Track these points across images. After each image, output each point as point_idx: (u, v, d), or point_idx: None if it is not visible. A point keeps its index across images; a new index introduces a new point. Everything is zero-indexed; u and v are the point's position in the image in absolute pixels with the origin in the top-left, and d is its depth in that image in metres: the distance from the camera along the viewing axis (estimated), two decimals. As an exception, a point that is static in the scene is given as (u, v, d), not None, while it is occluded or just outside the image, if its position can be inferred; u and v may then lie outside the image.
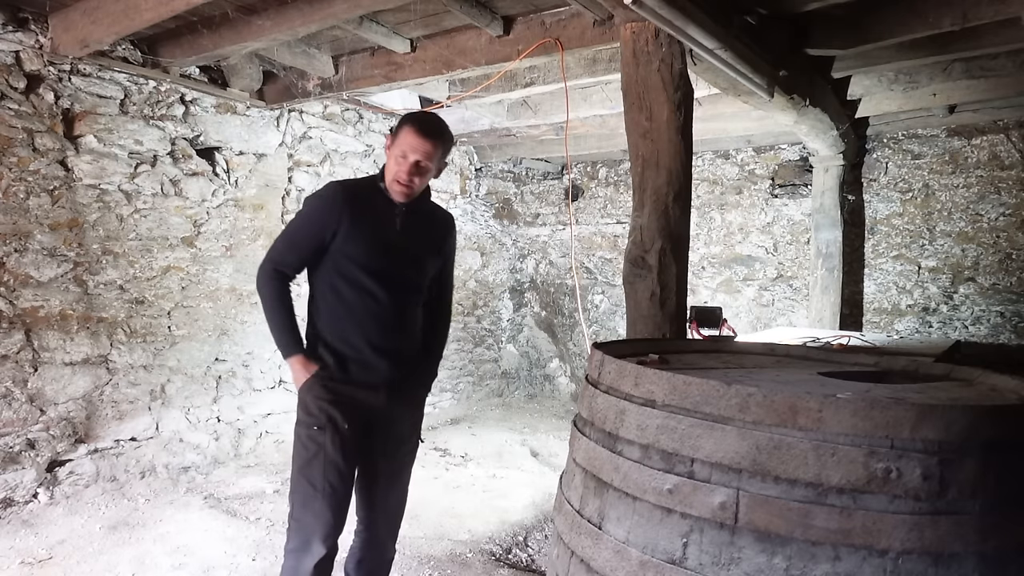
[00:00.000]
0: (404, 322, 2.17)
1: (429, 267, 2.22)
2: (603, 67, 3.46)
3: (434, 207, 2.28)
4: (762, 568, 1.16)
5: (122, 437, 3.76)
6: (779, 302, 5.47)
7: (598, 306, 6.46)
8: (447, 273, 2.34)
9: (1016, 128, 4.55)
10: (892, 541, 1.10)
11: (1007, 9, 2.50)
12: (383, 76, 3.70)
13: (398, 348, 2.15)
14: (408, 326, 2.19)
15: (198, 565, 2.86)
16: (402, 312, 2.16)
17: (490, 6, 3.05)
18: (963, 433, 1.12)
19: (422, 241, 2.18)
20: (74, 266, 3.55)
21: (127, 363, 3.78)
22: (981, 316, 4.68)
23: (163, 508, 3.46)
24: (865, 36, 2.85)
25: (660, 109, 2.42)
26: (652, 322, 2.42)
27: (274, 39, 3.21)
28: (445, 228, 2.29)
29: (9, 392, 3.32)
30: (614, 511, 1.35)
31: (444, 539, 3.15)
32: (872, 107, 4.14)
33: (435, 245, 2.24)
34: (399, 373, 2.15)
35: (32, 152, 3.38)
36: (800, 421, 1.15)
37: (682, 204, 2.47)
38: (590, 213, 6.50)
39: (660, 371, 1.34)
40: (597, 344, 1.66)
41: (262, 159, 4.42)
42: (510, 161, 6.59)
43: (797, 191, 5.38)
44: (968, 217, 4.71)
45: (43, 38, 3.32)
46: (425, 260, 2.20)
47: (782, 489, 1.16)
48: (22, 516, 3.23)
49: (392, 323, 2.13)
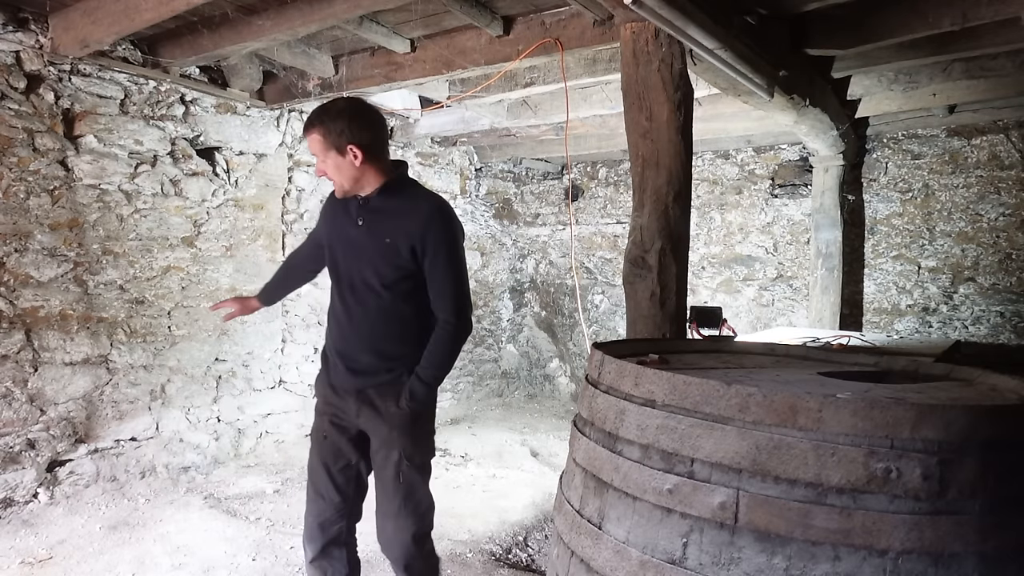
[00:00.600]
0: (361, 327, 2.05)
1: (392, 266, 1.99)
2: (603, 67, 3.46)
3: (405, 196, 2.05)
4: (762, 568, 1.16)
5: (122, 437, 3.77)
6: (779, 302, 5.47)
7: (598, 306, 6.46)
8: (436, 275, 2.00)
9: (1016, 128, 4.55)
10: (892, 541, 1.10)
11: (1007, 9, 2.50)
12: (383, 76, 3.70)
13: (355, 354, 2.06)
14: (366, 331, 2.04)
15: (198, 565, 2.86)
16: (360, 316, 2.04)
17: (490, 6, 3.05)
18: (963, 433, 1.12)
19: (383, 236, 1.99)
20: (74, 266, 3.55)
21: (127, 363, 3.78)
22: (981, 316, 4.68)
23: (163, 508, 3.46)
24: (865, 36, 2.85)
25: (660, 109, 2.42)
26: (652, 322, 2.42)
27: (274, 39, 3.21)
28: (418, 220, 1.98)
29: (9, 392, 3.32)
30: (614, 511, 1.35)
31: (444, 539, 3.15)
32: (872, 107, 4.14)
33: (399, 239, 1.97)
34: (359, 381, 2.05)
35: (32, 152, 3.38)
36: (800, 421, 1.15)
37: (682, 204, 2.46)
38: (590, 213, 6.50)
39: (660, 371, 1.34)
40: (597, 344, 1.66)
41: (262, 159, 4.43)
42: (510, 161, 6.59)
43: (797, 191, 5.38)
44: (968, 217, 4.71)
45: (43, 38, 3.31)
46: (387, 258, 1.99)
47: (782, 489, 1.16)
48: (22, 516, 3.24)
49: (349, 327, 2.07)
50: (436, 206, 2.04)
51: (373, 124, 2.02)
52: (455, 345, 2.05)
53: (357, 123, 1.96)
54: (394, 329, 2.04)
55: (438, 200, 2.08)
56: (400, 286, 2.01)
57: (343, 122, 1.94)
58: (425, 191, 2.14)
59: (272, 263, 4.51)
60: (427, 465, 2.13)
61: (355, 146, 1.95)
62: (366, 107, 2.04)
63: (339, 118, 1.95)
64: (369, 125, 2.00)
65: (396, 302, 2.02)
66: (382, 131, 2.08)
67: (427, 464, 2.13)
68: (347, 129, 1.94)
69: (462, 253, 2.07)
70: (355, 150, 1.95)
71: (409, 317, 2.04)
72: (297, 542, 3.12)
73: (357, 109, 2.00)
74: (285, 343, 4.63)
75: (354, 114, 1.97)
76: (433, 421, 2.19)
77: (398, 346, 2.04)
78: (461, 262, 2.06)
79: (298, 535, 3.19)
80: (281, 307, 4.59)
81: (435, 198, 2.10)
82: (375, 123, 2.04)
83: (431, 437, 2.16)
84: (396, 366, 2.03)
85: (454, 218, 2.07)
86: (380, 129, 2.06)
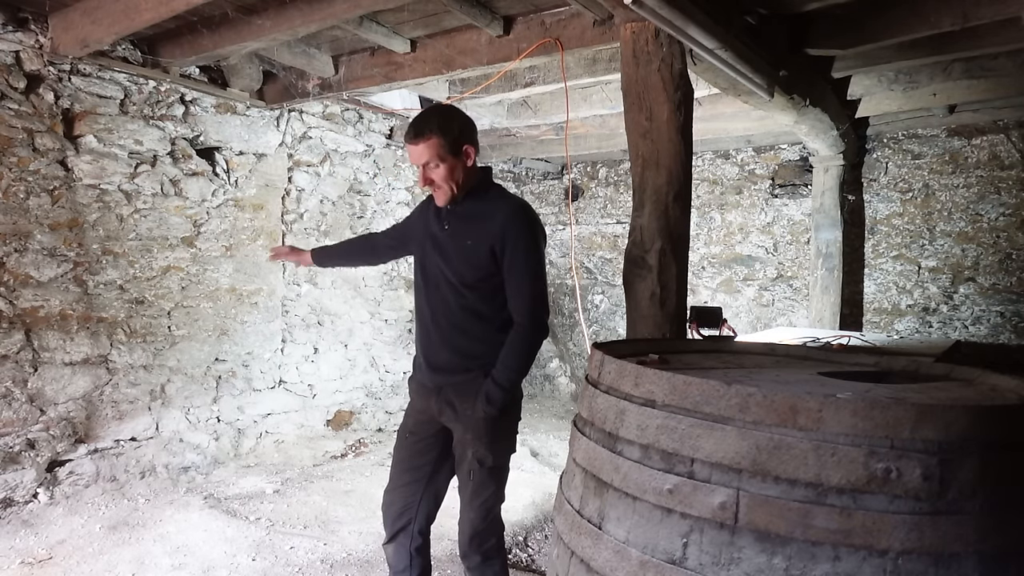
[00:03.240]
0: (441, 324, 2.11)
1: (473, 266, 2.04)
2: (603, 67, 3.46)
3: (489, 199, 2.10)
4: (762, 568, 1.15)
5: (122, 437, 3.77)
6: (779, 302, 5.47)
7: (598, 306, 6.46)
8: (512, 276, 2.02)
9: (1016, 128, 4.55)
10: (892, 541, 1.10)
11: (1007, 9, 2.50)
12: (383, 76, 3.70)
13: (436, 351, 2.14)
14: (446, 329, 2.11)
15: (198, 565, 2.86)
16: (441, 314, 2.11)
17: (490, 6, 3.05)
18: (963, 433, 1.12)
19: (465, 238, 2.06)
20: (74, 266, 3.55)
21: (127, 363, 3.78)
22: (981, 316, 4.68)
23: (163, 508, 3.46)
24: (865, 36, 2.85)
25: (660, 109, 2.42)
26: (652, 322, 2.42)
27: (274, 39, 3.21)
28: (499, 221, 2.02)
29: (9, 392, 3.32)
30: (614, 511, 1.35)
31: (444, 539, 3.14)
32: (872, 107, 4.14)
33: (480, 240, 2.03)
34: (440, 379, 2.13)
35: (32, 152, 3.38)
36: (800, 421, 1.15)
37: (682, 204, 2.46)
38: (590, 213, 6.50)
39: (660, 371, 1.34)
40: (597, 344, 1.66)
41: (262, 159, 4.43)
42: (510, 161, 6.59)
43: (797, 191, 5.38)
44: (968, 217, 4.71)
45: (43, 38, 3.32)
46: (468, 258, 2.05)
47: (782, 489, 1.16)
48: (22, 516, 3.24)
49: (432, 325, 2.15)
50: (517, 207, 2.08)
51: (474, 127, 2.11)
52: (527, 348, 2.06)
53: (468, 124, 2.06)
54: (473, 327, 2.08)
55: (519, 202, 2.13)
56: (480, 287, 2.05)
57: (456, 124, 2.03)
58: (507, 194, 2.17)
59: (272, 263, 4.52)
60: (501, 467, 2.15)
61: (470, 146, 2.05)
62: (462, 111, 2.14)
63: (452, 121, 2.03)
64: (473, 127, 2.10)
65: (476, 302, 2.07)
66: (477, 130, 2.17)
67: (501, 466, 2.15)
68: (462, 131, 2.03)
69: (541, 256, 2.08)
70: (470, 150, 2.04)
71: (488, 317, 2.08)
72: (297, 542, 3.12)
73: (460, 113, 2.10)
74: (285, 343, 4.63)
75: (462, 117, 2.07)
76: (514, 423, 2.19)
77: (476, 345, 2.08)
78: (538, 265, 2.06)
79: (297, 535, 3.19)
80: (281, 307, 4.59)
81: (516, 200, 2.13)
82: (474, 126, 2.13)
83: (507, 440, 2.17)
84: (473, 366, 2.07)
85: (535, 221, 2.09)
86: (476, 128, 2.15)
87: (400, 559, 2.28)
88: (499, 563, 2.20)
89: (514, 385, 2.07)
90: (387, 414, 5.33)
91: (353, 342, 5.14)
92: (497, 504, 2.18)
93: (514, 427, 2.20)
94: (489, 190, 2.12)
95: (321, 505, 3.59)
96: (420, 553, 2.30)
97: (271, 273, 4.51)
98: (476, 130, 2.11)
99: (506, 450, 2.16)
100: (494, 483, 2.14)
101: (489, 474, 2.11)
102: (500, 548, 2.21)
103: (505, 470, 2.19)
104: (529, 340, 2.06)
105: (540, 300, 2.06)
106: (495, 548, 2.19)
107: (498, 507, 2.19)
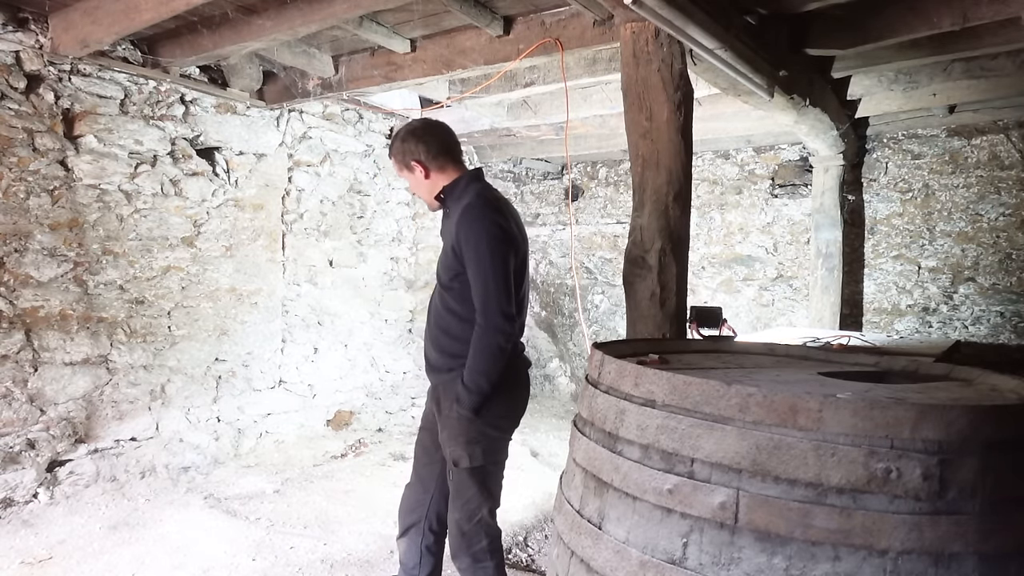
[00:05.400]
0: (430, 323, 2.23)
1: (444, 266, 2.13)
2: (603, 67, 3.46)
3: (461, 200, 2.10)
4: (762, 568, 1.15)
5: (122, 437, 3.76)
6: (779, 302, 5.47)
7: (598, 306, 6.46)
8: (469, 271, 2.00)
9: (1016, 128, 4.55)
10: (892, 541, 1.10)
11: (1007, 9, 2.50)
12: (383, 76, 3.70)
13: (427, 349, 2.25)
14: (432, 327, 2.21)
15: (198, 565, 2.86)
16: (431, 313, 2.23)
17: (490, 6, 3.05)
18: (963, 433, 1.12)
19: (445, 240, 2.18)
20: (74, 266, 3.55)
21: (127, 363, 3.78)
22: (981, 316, 4.68)
23: (163, 508, 3.46)
24: (865, 36, 2.85)
25: (660, 109, 2.42)
26: (652, 322, 2.42)
27: (274, 39, 3.21)
28: (454, 219, 2.08)
29: (9, 392, 3.32)
30: (614, 511, 1.35)
31: (444, 539, 3.15)
32: (872, 107, 4.14)
33: (448, 241, 2.11)
34: (432, 377, 2.23)
35: (32, 152, 3.38)
36: (800, 421, 1.15)
37: (682, 204, 2.47)
38: (590, 213, 6.50)
39: (660, 371, 1.34)
40: (597, 344, 1.66)
41: (262, 159, 4.43)
42: (510, 161, 6.59)
43: (797, 191, 5.38)
44: (968, 217, 4.71)
45: (43, 38, 3.31)
46: (443, 259, 2.15)
47: (782, 489, 1.16)
48: (22, 516, 3.23)
49: (427, 325, 2.27)
50: (467, 205, 2.04)
51: (425, 137, 2.15)
52: (484, 348, 1.99)
53: (411, 141, 2.14)
54: (452, 327, 2.11)
55: (472, 200, 2.06)
56: (454, 286, 2.09)
57: (398, 145, 2.17)
58: (471, 192, 2.11)
59: (272, 263, 4.52)
60: (482, 470, 2.11)
61: (416, 161, 2.14)
62: (421, 124, 2.21)
63: (397, 140, 2.18)
64: (421, 138, 2.15)
65: (452, 301, 2.10)
66: (438, 142, 2.17)
67: (482, 468, 2.11)
68: (405, 151, 2.15)
69: (495, 254, 1.97)
70: (415, 165, 2.15)
71: (465, 317, 2.07)
72: (296, 542, 3.12)
73: (408, 130, 2.19)
74: (285, 343, 4.63)
75: (406, 134, 2.17)
76: (497, 426, 2.12)
77: (455, 344, 2.10)
78: (488, 260, 1.96)
79: (297, 535, 3.19)
80: (281, 307, 4.59)
81: (470, 199, 2.07)
82: (428, 136, 2.16)
83: (489, 442, 2.11)
84: (455, 365, 2.09)
85: (485, 216, 2.00)
86: (435, 141, 2.16)
87: (411, 556, 2.32)
88: (492, 567, 2.16)
89: (479, 387, 2.00)
90: (387, 414, 5.33)
91: (353, 342, 5.14)
92: (483, 507, 2.13)
93: (499, 430, 2.15)
94: (466, 191, 2.12)
95: (321, 505, 3.59)
96: (431, 551, 2.32)
97: (271, 273, 4.52)
98: (429, 142, 2.14)
99: (487, 452, 2.10)
100: (476, 485, 2.11)
101: (470, 475, 2.09)
102: (493, 552, 2.16)
103: (490, 473, 2.14)
104: (484, 340, 1.98)
105: (492, 299, 1.97)
106: (485, 552, 2.15)
107: (485, 510, 2.14)
